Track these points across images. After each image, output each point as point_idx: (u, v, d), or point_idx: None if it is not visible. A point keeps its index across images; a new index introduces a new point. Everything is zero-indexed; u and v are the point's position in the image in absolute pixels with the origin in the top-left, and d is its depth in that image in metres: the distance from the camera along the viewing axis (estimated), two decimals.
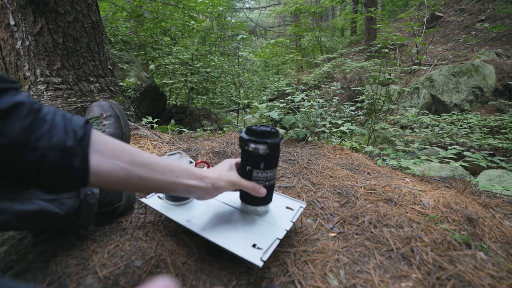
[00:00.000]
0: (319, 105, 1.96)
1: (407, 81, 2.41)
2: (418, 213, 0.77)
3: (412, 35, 6.77)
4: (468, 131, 2.97)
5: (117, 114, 0.79)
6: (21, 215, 0.45)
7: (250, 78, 7.15)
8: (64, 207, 0.52)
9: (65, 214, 0.53)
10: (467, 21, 6.90)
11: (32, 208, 0.47)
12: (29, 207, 0.46)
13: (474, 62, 4.53)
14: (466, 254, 0.62)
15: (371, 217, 0.74)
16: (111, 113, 0.78)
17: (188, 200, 0.66)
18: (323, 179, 1.00)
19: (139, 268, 0.54)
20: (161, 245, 0.61)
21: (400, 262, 0.59)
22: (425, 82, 4.59)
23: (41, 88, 1.09)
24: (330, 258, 0.59)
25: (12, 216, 0.44)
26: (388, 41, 2.16)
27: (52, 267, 0.53)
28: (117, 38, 4.22)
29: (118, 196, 0.68)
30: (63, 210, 0.52)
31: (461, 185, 1.06)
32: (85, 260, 0.55)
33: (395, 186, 0.95)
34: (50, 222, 0.52)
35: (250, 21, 11.75)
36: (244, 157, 0.58)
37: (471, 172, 2.02)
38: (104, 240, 0.61)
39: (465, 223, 0.72)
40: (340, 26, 11.17)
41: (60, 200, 0.52)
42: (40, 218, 0.49)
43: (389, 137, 2.30)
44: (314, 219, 0.74)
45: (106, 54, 1.29)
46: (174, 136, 1.46)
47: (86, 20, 1.16)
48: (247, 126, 0.59)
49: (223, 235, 0.55)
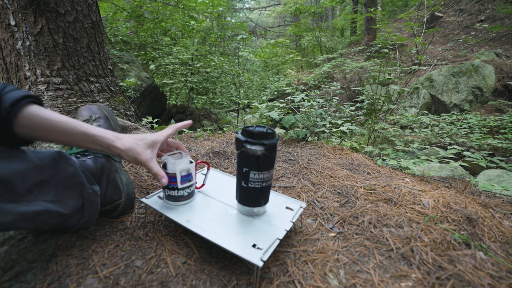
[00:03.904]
0: (319, 105, 1.96)
1: (407, 81, 2.41)
2: (418, 213, 0.77)
3: (412, 35, 6.77)
4: (468, 131, 2.97)
5: (106, 116, 0.80)
6: (26, 216, 0.46)
7: (250, 78, 7.14)
8: (68, 207, 0.53)
9: (70, 213, 0.54)
10: (467, 21, 6.90)
11: (36, 209, 0.47)
12: (33, 208, 0.47)
13: (473, 62, 4.53)
14: (465, 254, 0.62)
15: (371, 217, 0.74)
16: (100, 115, 0.79)
17: (188, 200, 0.66)
18: (323, 179, 1.00)
19: (139, 268, 0.54)
20: (161, 245, 0.61)
21: (400, 262, 0.59)
22: (424, 82, 4.59)
23: (41, 88, 1.09)
24: (330, 258, 0.59)
25: (17, 217, 0.45)
26: (388, 41, 2.16)
27: (53, 267, 0.53)
28: (117, 38, 4.22)
29: (117, 194, 0.68)
30: (67, 209, 0.53)
31: (460, 185, 1.06)
32: (85, 260, 0.55)
33: (395, 186, 0.95)
34: (55, 221, 0.52)
35: (250, 21, 11.75)
36: (241, 159, 0.58)
37: (470, 172, 2.02)
38: (104, 240, 0.61)
39: (465, 223, 0.72)
40: (340, 26, 11.17)
41: (63, 200, 0.52)
42: (45, 218, 0.50)
43: (389, 137, 2.30)
44: (314, 219, 0.75)
45: (106, 54, 1.29)
46: (174, 136, 1.46)
47: (87, 20, 1.16)
48: (243, 127, 0.58)
49: (223, 235, 0.55)
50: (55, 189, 0.51)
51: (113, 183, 0.68)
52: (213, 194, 0.72)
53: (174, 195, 0.64)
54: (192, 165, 0.65)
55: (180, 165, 0.62)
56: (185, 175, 0.63)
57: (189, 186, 0.65)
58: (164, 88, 5.35)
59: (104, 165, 0.67)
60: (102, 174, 0.66)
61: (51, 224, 0.52)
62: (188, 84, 4.83)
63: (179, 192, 0.64)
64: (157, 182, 0.90)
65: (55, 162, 0.52)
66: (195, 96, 5.52)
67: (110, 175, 0.68)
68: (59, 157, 0.53)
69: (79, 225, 0.59)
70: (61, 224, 0.55)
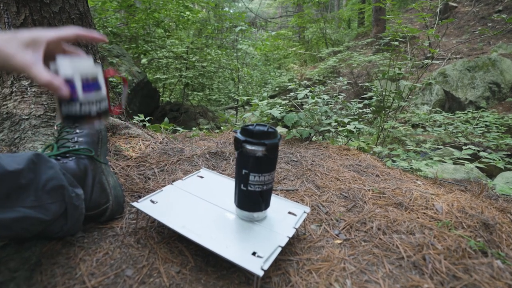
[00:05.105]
0: (324, 102, 1.96)
1: (419, 76, 2.41)
2: (431, 219, 0.77)
3: (424, 26, 6.77)
4: (484, 130, 2.97)
5: None
6: (4, 223, 0.46)
7: (249, 73, 7.15)
8: (49, 212, 0.53)
9: (52, 219, 0.54)
10: (483, 12, 6.90)
11: (14, 215, 0.47)
12: (10, 215, 0.47)
13: (490, 56, 4.54)
14: (482, 262, 0.62)
15: (380, 223, 0.74)
16: None
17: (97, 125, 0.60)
18: (328, 182, 1.00)
19: (130, 278, 0.54)
20: (154, 252, 0.61)
21: (411, 271, 0.59)
22: (438, 78, 4.59)
23: (24, 84, 1.09)
24: (335, 267, 0.59)
25: None
26: (398, 33, 2.16)
27: (37, 277, 0.53)
28: (106, 30, 4.22)
29: (104, 197, 0.68)
30: (48, 215, 0.53)
31: (476, 188, 1.06)
32: (72, 269, 0.55)
33: (405, 190, 0.95)
34: (36, 228, 0.52)
35: (249, 11, 11.76)
36: (240, 160, 0.58)
37: (487, 174, 2.02)
38: (92, 248, 0.61)
39: (481, 229, 0.72)
40: (346, 17, 11.17)
41: (43, 206, 0.52)
42: (25, 225, 0.50)
43: (399, 137, 2.31)
44: (319, 225, 0.75)
45: (94, 47, 1.29)
46: (168, 135, 1.46)
47: (73, 10, 1.16)
48: (242, 126, 0.58)
49: (220, 242, 0.55)
50: (35, 194, 0.51)
51: (99, 186, 0.68)
52: (210, 198, 0.72)
53: (75, 113, 0.48)
54: (98, 69, 0.51)
55: (80, 64, 0.47)
56: (89, 82, 0.48)
57: (97, 101, 0.50)
58: (157, 84, 5.36)
59: (87, 167, 0.67)
60: (86, 176, 0.66)
61: (32, 231, 0.52)
62: (183, 79, 4.83)
63: (82, 107, 0.48)
64: (143, 184, 0.90)
65: (34, 165, 0.52)
66: (190, 93, 5.52)
67: (96, 177, 0.68)
68: (37, 160, 0.53)
69: (64, 232, 0.59)
70: (44, 231, 0.55)
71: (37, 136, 1.02)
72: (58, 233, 0.58)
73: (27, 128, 1.04)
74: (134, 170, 0.99)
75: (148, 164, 1.04)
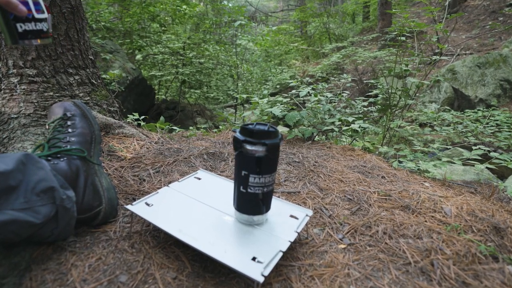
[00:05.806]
0: (327, 100, 1.96)
1: (427, 73, 2.41)
2: (439, 222, 0.77)
3: (432, 21, 6.77)
4: (495, 130, 2.97)
5: (82, 113, 0.80)
6: None
7: (249, 69, 7.16)
8: (39, 215, 0.53)
9: (42, 223, 0.54)
10: (494, 6, 6.90)
11: (2, 218, 0.47)
12: None
13: (502, 52, 4.54)
14: (492, 268, 0.62)
15: (386, 227, 0.74)
16: (74, 113, 0.79)
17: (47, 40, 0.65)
18: (332, 184, 1.00)
19: (124, 284, 0.54)
20: (149, 258, 0.61)
21: (419, 277, 0.59)
22: (446, 74, 4.59)
23: (13, 81, 1.09)
24: (339, 273, 0.59)
25: None
26: (405, 28, 2.16)
27: (26, 283, 0.53)
28: (99, 24, 4.22)
29: (97, 199, 0.68)
30: (39, 218, 0.53)
31: (487, 191, 1.06)
32: (64, 275, 0.55)
33: (412, 192, 0.95)
34: (26, 232, 0.52)
35: (249, 5, 11.76)
36: (239, 160, 0.58)
37: (498, 175, 2.02)
38: (84, 253, 0.61)
39: (492, 233, 0.72)
40: (350, 11, 11.17)
41: (33, 208, 0.52)
42: (14, 229, 0.50)
43: (406, 136, 2.31)
44: (322, 229, 0.75)
45: (87, 42, 1.29)
46: (164, 135, 1.46)
47: (65, 4, 1.16)
48: (242, 125, 0.58)
49: (219, 247, 0.55)
50: (24, 196, 0.51)
51: (91, 188, 0.68)
52: (208, 200, 0.72)
53: (32, 29, 0.60)
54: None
55: None
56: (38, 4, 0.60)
57: (45, 19, 0.62)
58: (152, 81, 5.36)
59: (79, 168, 0.67)
60: (78, 177, 0.66)
61: (21, 235, 0.52)
62: (180, 76, 4.83)
63: (37, 24, 0.61)
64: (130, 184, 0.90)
65: (23, 166, 0.52)
66: (187, 90, 5.52)
67: (88, 178, 0.68)
68: (27, 160, 0.53)
69: (55, 236, 0.59)
70: (34, 235, 0.55)
71: (27, 135, 1.02)
72: (48, 237, 0.58)
73: (16, 127, 1.04)
74: (129, 171, 0.99)
75: (143, 165, 1.04)
